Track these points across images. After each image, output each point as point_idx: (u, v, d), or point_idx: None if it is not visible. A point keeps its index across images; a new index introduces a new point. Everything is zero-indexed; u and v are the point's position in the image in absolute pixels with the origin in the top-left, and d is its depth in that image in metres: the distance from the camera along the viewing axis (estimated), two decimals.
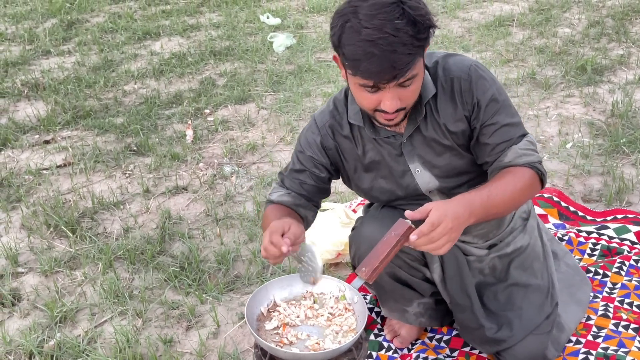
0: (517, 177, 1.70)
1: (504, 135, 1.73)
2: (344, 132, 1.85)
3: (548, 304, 1.94)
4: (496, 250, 1.98)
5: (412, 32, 1.51)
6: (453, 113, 1.74)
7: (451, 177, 1.83)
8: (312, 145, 1.88)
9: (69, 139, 3.71)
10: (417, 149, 1.79)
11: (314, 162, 1.88)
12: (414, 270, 1.94)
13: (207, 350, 2.19)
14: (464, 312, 1.96)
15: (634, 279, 2.30)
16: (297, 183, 1.89)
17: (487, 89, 1.72)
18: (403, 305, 2.03)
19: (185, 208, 3.02)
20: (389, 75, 1.53)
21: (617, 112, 3.53)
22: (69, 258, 2.69)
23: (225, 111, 3.94)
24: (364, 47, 1.50)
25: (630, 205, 2.78)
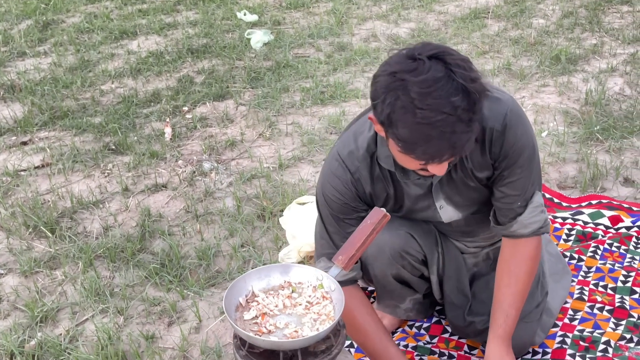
0: (529, 260, 1.79)
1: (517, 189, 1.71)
2: (375, 174, 1.73)
3: (538, 293, 1.97)
4: (491, 246, 2.02)
5: (467, 106, 1.38)
6: (481, 161, 1.69)
7: (473, 206, 1.82)
8: (344, 192, 1.73)
9: (47, 140, 3.68)
10: (444, 189, 1.76)
11: (351, 209, 1.74)
12: (416, 270, 1.96)
13: (190, 345, 2.20)
14: (456, 311, 1.99)
15: (608, 262, 2.35)
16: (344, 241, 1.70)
17: (517, 139, 1.64)
18: (397, 302, 2.07)
19: (165, 205, 3.02)
20: (448, 155, 1.43)
21: (591, 100, 3.58)
22: (48, 258, 2.69)
23: (203, 108, 3.93)
24: (420, 131, 1.38)
25: (605, 190, 2.83)
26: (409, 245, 1.89)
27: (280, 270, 1.59)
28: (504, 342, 1.74)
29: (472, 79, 1.40)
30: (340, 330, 1.48)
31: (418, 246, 1.91)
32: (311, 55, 4.56)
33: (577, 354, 1.98)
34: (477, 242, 1.99)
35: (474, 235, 1.96)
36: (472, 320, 1.94)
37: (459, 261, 1.99)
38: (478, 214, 1.86)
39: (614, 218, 2.56)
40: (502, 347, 1.74)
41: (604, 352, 1.97)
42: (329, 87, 4.01)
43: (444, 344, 2.09)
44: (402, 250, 1.88)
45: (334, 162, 1.73)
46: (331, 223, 1.78)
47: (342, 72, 4.25)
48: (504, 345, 1.74)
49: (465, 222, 1.88)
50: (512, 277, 1.78)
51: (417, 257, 1.93)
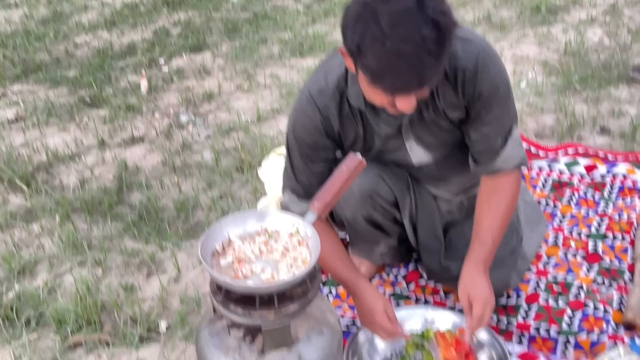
0: (509, 192, 1.79)
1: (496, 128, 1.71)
2: (345, 112, 1.72)
3: (513, 239, 1.99)
4: (464, 193, 2.03)
5: (437, 38, 1.36)
6: (453, 100, 1.68)
7: (444, 149, 1.82)
8: (313, 131, 1.72)
9: (20, 94, 3.62)
10: (415, 129, 1.75)
11: (319, 148, 1.75)
12: (388, 213, 1.96)
13: (169, 295, 2.21)
14: (431, 255, 2.01)
15: (583, 209, 2.38)
16: (313, 179, 1.77)
17: (490, 79, 1.64)
18: (371, 246, 2.07)
19: (142, 158, 2.99)
20: (415, 88, 1.42)
21: (570, 50, 3.58)
22: (25, 211, 2.66)
23: (180, 60, 3.87)
24: (388, 61, 1.37)
25: (581, 140, 2.85)
26: (379, 186, 1.89)
27: (256, 217, 1.59)
28: (477, 266, 1.74)
29: (443, 11, 1.39)
30: (316, 275, 1.49)
31: (388, 188, 1.91)
32: (290, 7, 4.49)
33: (550, 297, 2.02)
34: (450, 188, 2.00)
35: (445, 181, 1.97)
36: (447, 265, 1.96)
37: (432, 206, 2.00)
38: (449, 159, 1.87)
39: (590, 166, 2.59)
40: (475, 269, 1.74)
41: (576, 296, 2.01)
42: (308, 38, 3.96)
43: (421, 290, 2.12)
44: (372, 191, 1.89)
45: (304, 100, 1.73)
46: (298, 160, 1.78)
47: (321, 24, 4.19)
48: (478, 269, 1.74)
49: (437, 167, 1.89)
50: (491, 210, 1.79)
51: (388, 199, 1.93)
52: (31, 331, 2.08)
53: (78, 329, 2.07)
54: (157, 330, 2.07)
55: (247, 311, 1.39)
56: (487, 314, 1.70)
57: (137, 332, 2.04)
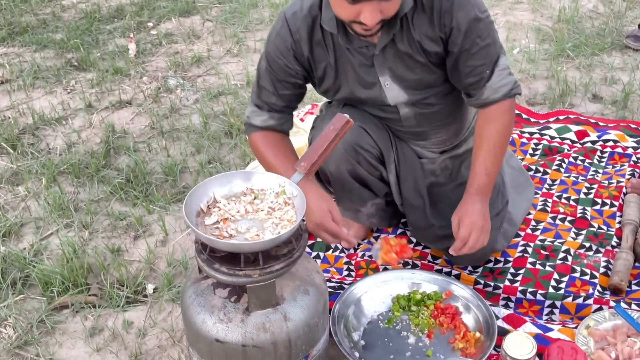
0: (500, 121, 1.78)
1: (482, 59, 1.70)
2: (316, 38, 1.74)
3: (498, 202, 1.98)
4: (448, 152, 2.01)
5: None
6: (429, 32, 1.68)
7: (419, 90, 1.81)
8: (284, 53, 1.76)
9: (6, 56, 3.55)
10: (389, 62, 1.74)
11: (288, 71, 1.78)
12: (373, 169, 1.95)
13: (156, 258, 2.20)
14: (415, 212, 1.99)
15: (572, 175, 2.37)
16: (274, 97, 1.81)
17: (468, 10, 1.64)
18: (358, 206, 2.05)
19: (130, 122, 2.96)
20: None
21: (564, 17, 3.54)
22: (10, 174, 2.63)
23: (169, 24, 3.81)
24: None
25: (573, 106, 2.84)
26: (363, 139, 1.88)
27: (242, 177, 1.57)
28: (471, 195, 1.78)
29: None
30: (302, 235, 1.48)
31: (372, 141, 1.90)
32: None
33: (538, 261, 2.02)
34: (431, 146, 1.99)
35: (426, 138, 1.96)
36: (431, 223, 1.96)
37: (415, 162, 1.99)
38: (427, 111, 1.86)
39: (581, 133, 2.57)
40: (468, 198, 1.78)
41: (563, 260, 2.01)
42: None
43: None
44: (356, 144, 1.87)
45: (279, 22, 1.77)
46: (266, 80, 1.81)
47: None
48: (472, 198, 1.77)
49: (416, 120, 1.88)
50: (483, 141, 1.79)
51: (372, 152, 1.92)
52: (17, 293, 2.07)
53: (64, 290, 2.06)
54: (144, 293, 2.07)
55: (232, 270, 1.38)
56: (473, 237, 1.74)
57: (123, 294, 2.03)
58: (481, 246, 1.77)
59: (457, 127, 1.97)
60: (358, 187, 1.97)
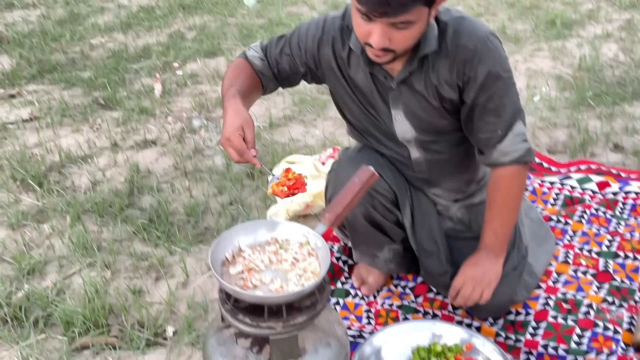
0: (505, 188, 1.81)
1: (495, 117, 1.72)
2: (343, 53, 1.81)
3: (514, 255, 1.98)
4: (462, 201, 2.02)
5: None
6: (448, 78, 1.71)
7: (429, 133, 1.84)
8: (309, 41, 1.83)
9: (35, 93, 3.64)
10: (404, 97, 1.79)
11: (299, 54, 1.84)
12: (388, 213, 1.97)
13: (176, 300, 2.21)
14: (430, 258, 2.00)
15: (594, 227, 2.36)
16: (274, 58, 1.87)
17: (490, 65, 1.66)
18: (374, 250, 2.06)
19: (154, 161, 3.01)
20: (381, 9, 1.47)
21: (585, 65, 3.56)
22: (36, 211, 2.68)
23: (194, 65, 3.89)
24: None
25: (594, 156, 2.84)
26: (378, 183, 1.90)
27: (267, 226, 1.59)
28: (479, 251, 1.85)
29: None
30: (325, 287, 1.49)
31: (387, 185, 1.93)
32: (304, 14, 4.51)
33: (560, 315, 2.00)
34: (443, 193, 2.00)
35: (437, 185, 1.98)
36: (446, 269, 1.96)
37: (429, 208, 2.01)
38: (437, 159, 1.89)
39: (602, 183, 2.57)
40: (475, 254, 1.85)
41: (585, 315, 1.99)
42: None
43: (429, 303, 2.11)
44: (371, 188, 1.89)
45: (321, 18, 1.85)
46: (284, 42, 1.86)
47: None
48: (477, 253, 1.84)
49: (427, 166, 1.91)
50: (490, 202, 1.84)
51: (387, 196, 1.94)
52: (39, 332, 2.09)
53: (85, 331, 2.07)
54: (164, 335, 2.07)
55: (255, 321, 1.39)
56: (466, 289, 1.80)
57: (144, 336, 2.04)
58: (483, 301, 1.80)
59: (468, 177, 1.98)
60: (374, 231, 1.99)
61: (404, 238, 2.05)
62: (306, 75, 1.91)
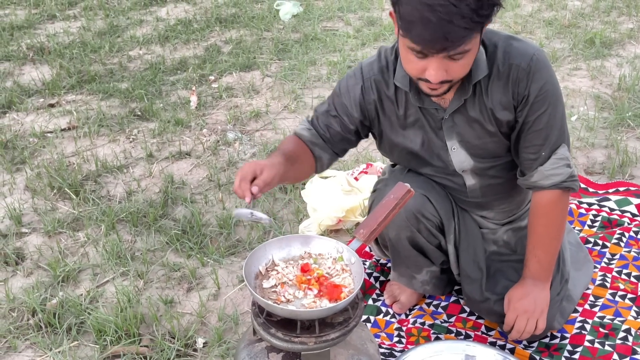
0: (545, 217, 1.79)
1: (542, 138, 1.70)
2: (389, 92, 1.78)
3: (558, 280, 1.94)
4: (510, 224, 1.99)
5: (474, 5, 1.41)
6: (503, 100, 1.69)
7: (486, 159, 1.82)
8: (351, 94, 1.81)
9: (74, 103, 3.71)
10: (458, 127, 1.75)
11: (346, 111, 1.82)
12: (432, 237, 1.95)
13: (207, 312, 2.22)
14: (472, 284, 1.96)
15: (633, 250, 2.31)
16: (324, 124, 1.85)
17: (542, 83, 1.65)
18: (413, 272, 2.04)
19: (188, 173, 3.03)
20: (440, 45, 1.45)
21: (624, 85, 3.50)
22: (72, 219, 2.72)
23: (229, 78, 3.93)
24: (421, 11, 1.42)
25: (633, 178, 2.78)
26: (425, 207, 1.88)
27: (301, 240, 1.59)
28: (525, 279, 1.83)
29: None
30: (358, 304, 1.48)
31: (434, 210, 1.90)
32: (340, 29, 4.53)
33: (596, 340, 1.95)
34: (494, 216, 1.97)
35: (489, 208, 1.95)
36: (488, 296, 1.92)
37: (476, 233, 1.97)
38: (493, 183, 1.85)
39: None
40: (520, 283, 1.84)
41: (623, 340, 1.94)
42: (357, 61, 3.97)
43: (461, 323, 2.08)
44: (418, 212, 1.87)
45: (355, 69, 1.85)
46: (329, 105, 1.86)
47: (370, 47, 4.21)
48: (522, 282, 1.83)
49: (481, 192, 1.88)
50: (531, 230, 1.82)
51: (433, 221, 1.91)
52: (72, 339, 2.11)
53: (117, 339, 2.09)
54: (194, 347, 2.08)
55: (288, 336, 1.39)
56: (520, 323, 1.76)
57: (174, 346, 2.05)
58: (539, 331, 1.76)
59: (520, 198, 1.96)
60: (415, 254, 1.96)
61: (443, 260, 2.03)
62: (358, 132, 1.87)
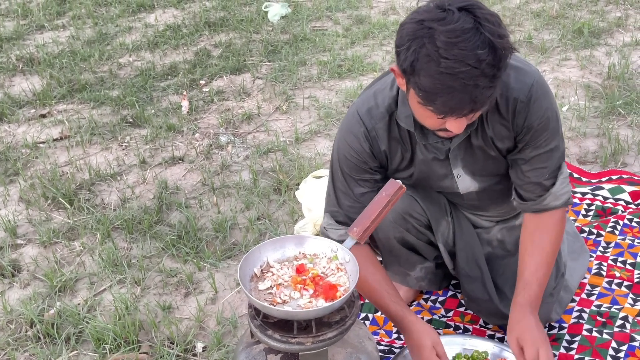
0: (554, 230, 1.76)
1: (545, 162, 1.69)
2: (393, 134, 1.71)
3: (553, 276, 1.93)
4: (504, 223, 2.00)
5: (493, 61, 1.36)
6: (503, 131, 1.67)
7: (488, 177, 1.81)
8: (359, 151, 1.71)
9: (65, 113, 3.70)
10: (462, 154, 1.74)
11: (364, 168, 1.73)
12: (421, 235, 1.95)
13: (206, 316, 2.22)
14: (473, 283, 1.96)
15: (628, 238, 2.32)
16: (352, 200, 1.75)
17: (542, 113, 1.63)
18: (406, 270, 2.04)
19: (182, 178, 3.03)
20: (468, 109, 1.41)
21: (614, 74, 3.51)
22: (67, 229, 2.71)
23: (220, 82, 3.92)
24: (443, 81, 1.36)
25: (626, 166, 2.79)
26: (412, 207, 1.88)
27: (295, 241, 1.59)
28: (523, 308, 1.71)
29: (500, 35, 1.39)
30: (355, 302, 1.48)
31: (421, 209, 1.90)
32: (329, 29, 4.52)
33: (594, 329, 1.96)
34: (488, 217, 1.98)
35: (484, 210, 1.95)
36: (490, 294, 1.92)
37: (471, 232, 1.97)
38: (490, 190, 1.85)
39: (635, 193, 2.52)
40: (521, 312, 1.71)
41: (621, 328, 1.95)
42: (347, 60, 3.98)
43: (459, 317, 2.09)
44: (405, 212, 1.87)
45: (352, 119, 1.71)
46: (342, 181, 1.76)
47: (360, 46, 4.21)
48: (524, 311, 1.70)
49: (478, 197, 1.87)
50: (535, 249, 1.75)
51: (421, 220, 1.91)
52: (71, 349, 2.11)
53: (116, 347, 2.09)
54: (194, 351, 2.08)
55: (285, 337, 1.39)
56: (542, 356, 1.64)
57: (174, 352, 2.05)
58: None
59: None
60: (407, 252, 1.97)
61: (436, 255, 2.03)
62: (382, 176, 1.78)
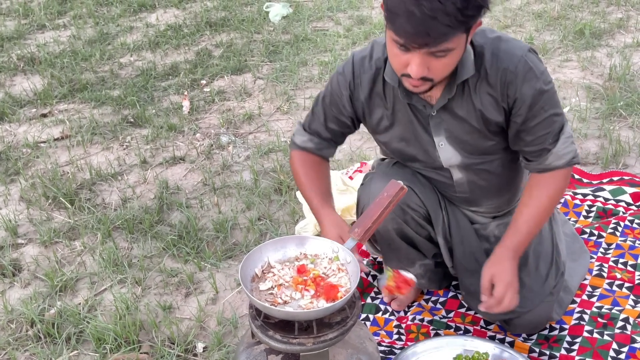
0: (553, 187, 1.76)
1: (546, 128, 1.70)
2: (377, 88, 1.79)
3: (553, 274, 1.94)
4: (500, 219, 1.99)
5: (460, 4, 1.41)
6: (493, 102, 1.69)
7: (474, 155, 1.82)
8: (342, 91, 1.83)
9: (66, 112, 3.70)
10: (445, 123, 1.76)
11: (340, 109, 1.86)
12: (420, 228, 1.95)
13: (206, 316, 2.22)
14: (472, 277, 1.94)
15: (629, 239, 2.31)
16: (322, 125, 1.91)
17: (533, 83, 1.65)
18: (406, 266, 2.03)
19: (183, 178, 3.03)
20: (421, 40, 1.45)
21: (615, 75, 3.51)
22: (68, 229, 2.71)
23: (221, 82, 3.92)
24: (406, 4, 1.42)
25: (627, 167, 2.79)
26: (410, 198, 1.89)
27: (296, 242, 1.59)
28: (507, 250, 1.74)
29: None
30: (356, 303, 1.48)
31: (419, 201, 1.91)
32: (330, 29, 4.53)
33: (595, 330, 1.96)
34: (482, 212, 1.98)
35: (477, 205, 1.95)
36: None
37: (467, 226, 1.97)
38: (481, 179, 1.85)
39: (636, 195, 2.52)
40: (504, 253, 1.75)
41: (622, 329, 1.95)
42: None
43: (460, 318, 2.08)
44: (403, 203, 1.88)
45: (347, 62, 1.84)
46: (319, 108, 1.91)
47: (361, 46, 4.21)
48: (507, 253, 1.74)
49: (469, 187, 1.88)
50: (532, 200, 1.77)
51: (420, 211, 1.92)
52: (71, 349, 2.11)
53: (117, 347, 2.09)
54: (194, 351, 2.08)
55: (286, 337, 1.39)
56: (508, 297, 1.70)
57: (174, 352, 2.05)
58: (513, 307, 1.73)
59: (510, 196, 1.96)
60: (406, 247, 1.97)
61: (436, 253, 2.03)
62: (353, 124, 1.92)
